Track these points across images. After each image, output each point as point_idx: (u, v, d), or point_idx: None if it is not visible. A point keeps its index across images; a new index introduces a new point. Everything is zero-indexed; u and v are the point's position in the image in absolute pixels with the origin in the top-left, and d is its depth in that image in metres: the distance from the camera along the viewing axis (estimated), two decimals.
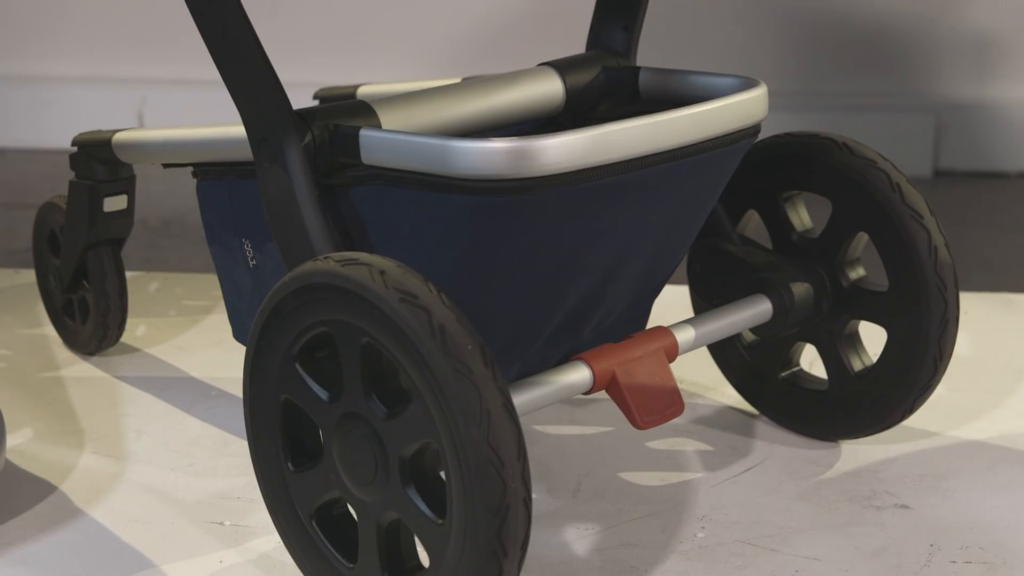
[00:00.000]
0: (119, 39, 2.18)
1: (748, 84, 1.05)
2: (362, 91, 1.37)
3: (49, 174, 2.09)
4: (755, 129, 1.05)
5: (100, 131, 1.30)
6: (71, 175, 1.34)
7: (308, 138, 1.00)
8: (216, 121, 1.96)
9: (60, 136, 2.14)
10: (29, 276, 1.61)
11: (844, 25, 2.08)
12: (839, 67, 2.10)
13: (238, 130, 1.06)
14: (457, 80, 1.22)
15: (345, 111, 1.03)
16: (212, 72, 1.07)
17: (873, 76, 2.09)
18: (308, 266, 0.92)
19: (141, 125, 2.17)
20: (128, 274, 1.51)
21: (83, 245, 1.35)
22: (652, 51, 1.94)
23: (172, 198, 1.95)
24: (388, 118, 1.05)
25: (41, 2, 2.18)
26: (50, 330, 1.46)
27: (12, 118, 2.22)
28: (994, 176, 2.09)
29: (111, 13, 2.17)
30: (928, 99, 2.09)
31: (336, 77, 2.06)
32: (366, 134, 0.98)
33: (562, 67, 1.15)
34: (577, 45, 1.25)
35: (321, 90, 1.44)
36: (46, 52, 2.21)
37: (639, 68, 1.14)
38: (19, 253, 1.74)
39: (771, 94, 1.98)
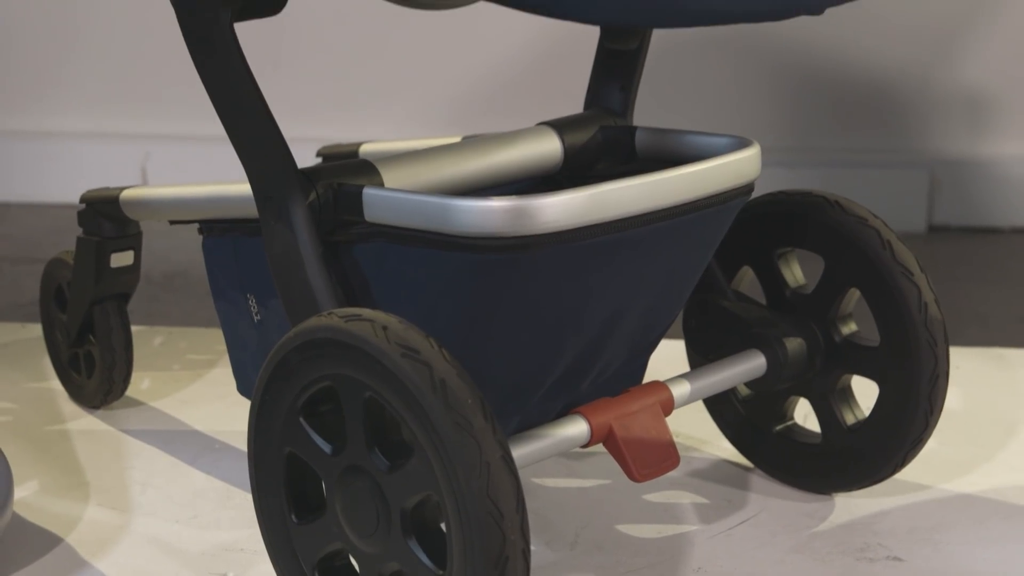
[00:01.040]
0: (122, 94, 2.20)
1: (742, 144, 1.07)
2: (364, 149, 1.39)
3: (53, 228, 2.11)
4: (748, 188, 1.07)
5: (108, 188, 1.32)
6: (75, 229, 1.36)
7: (312, 196, 1.02)
8: (219, 176, 1.97)
9: (64, 191, 2.16)
10: (35, 330, 1.63)
11: (839, 82, 2.10)
12: (834, 124, 2.12)
13: (244, 188, 1.08)
14: (457, 139, 1.24)
15: (348, 170, 1.05)
16: (215, 127, 1.09)
17: (868, 132, 2.12)
18: (312, 322, 0.94)
19: (144, 180, 2.18)
20: (132, 328, 1.52)
21: (90, 300, 1.36)
22: (651, 108, 1.96)
23: (175, 252, 1.96)
24: (390, 176, 1.07)
25: (44, 58, 2.20)
26: (56, 384, 1.47)
27: (16, 173, 2.23)
28: (988, 231, 2.10)
29: (114, 68, 2.19)
30: (922, 155, 2.10)
31: (337, 132, 2.08)
32: (369, 192, 1.00)
33: (560, 126, 1.17)
34: (576, 102, 1.27)
35: (324, 147, 1.46)
36: (49, 108, 2.23)
37: (635, 128, 1.16)
38: (24, 307, 1.75)
39: (767, 150, 2.00)
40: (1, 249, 2.01)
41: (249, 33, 1.06)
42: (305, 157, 1.15)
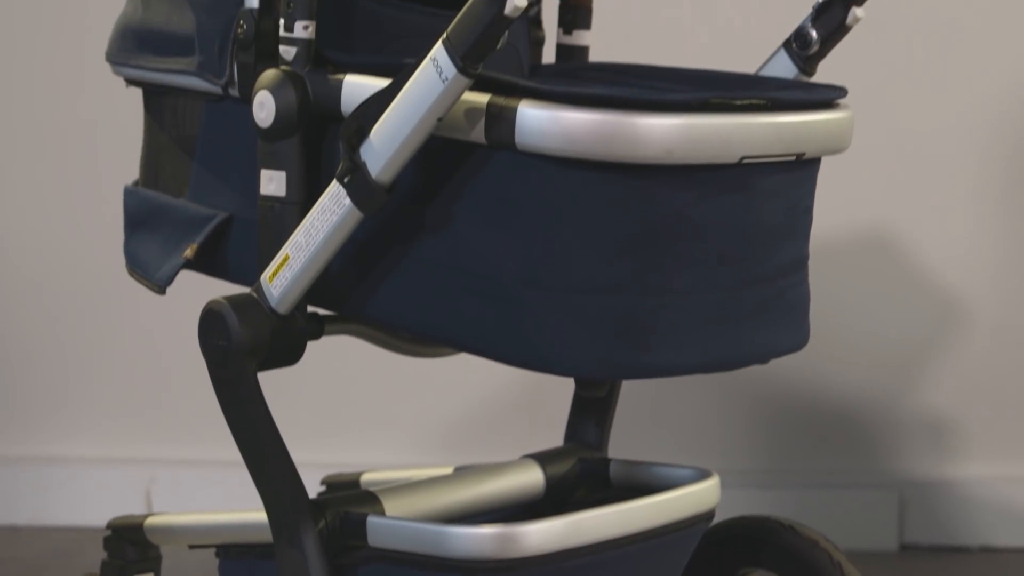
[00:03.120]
0: (127, 420, 2.22)
1: (703, 475, 1.20)
2: (366, 478, 1.49)
3: (59, 551, 2.10)
4: (709, 514, 1.19)
5: (133, 516, 1.41)
6: (80, 552, 1.41)
7: (322, 524, 1.13)
8: (222, 499, 2.02)
9: (70, 514, 2.19)
10: None
11: (811, 409, 2.17)
12: (807, 447, 2.16)
13: (259, 516, 1.18)
14: (450, 469, 1.36)
15: (353, 500, 1.17)
16: (218, 452, 1.18)
17: (839, 455, 2.16)
18: None
19: (149, 504, 2.22)
20: None
21: None
22: (634, 431, 2.04)
23: (173, 572, 2.00)
24: (391, 505, 1.18)
25: (49, 385, 2.23)
26: None
27: (23, 497, 2.25)
28: (957, 550, 2.12)
29: (118, 395, 2.22)
30: (891, 476, 2.14)
31: (338, 456, 2.13)
32: (373, 521, 1.11)
33: (542, 459, 1.29)
34: (559, 428, 1.38)
35: (328, 476, 1.55)
36: (55, 434, 2.25)
37: (610, 460, 1.29)
38: None
39: (743, 472, 2.07)
40: (9, 572, 2.03)
41: None
42: (308, 480, 1.25)
